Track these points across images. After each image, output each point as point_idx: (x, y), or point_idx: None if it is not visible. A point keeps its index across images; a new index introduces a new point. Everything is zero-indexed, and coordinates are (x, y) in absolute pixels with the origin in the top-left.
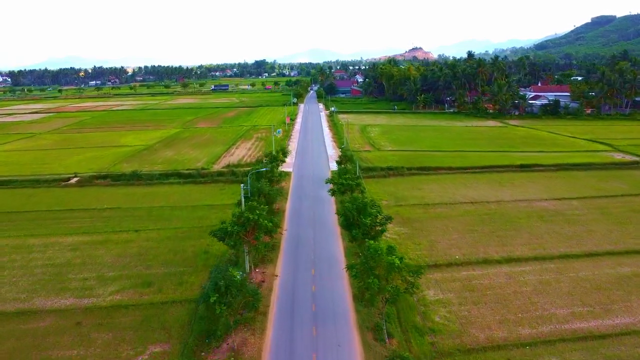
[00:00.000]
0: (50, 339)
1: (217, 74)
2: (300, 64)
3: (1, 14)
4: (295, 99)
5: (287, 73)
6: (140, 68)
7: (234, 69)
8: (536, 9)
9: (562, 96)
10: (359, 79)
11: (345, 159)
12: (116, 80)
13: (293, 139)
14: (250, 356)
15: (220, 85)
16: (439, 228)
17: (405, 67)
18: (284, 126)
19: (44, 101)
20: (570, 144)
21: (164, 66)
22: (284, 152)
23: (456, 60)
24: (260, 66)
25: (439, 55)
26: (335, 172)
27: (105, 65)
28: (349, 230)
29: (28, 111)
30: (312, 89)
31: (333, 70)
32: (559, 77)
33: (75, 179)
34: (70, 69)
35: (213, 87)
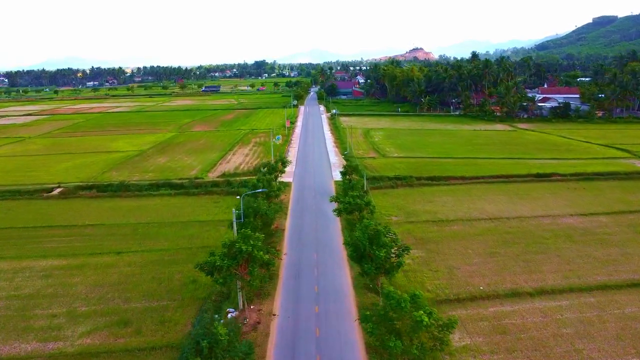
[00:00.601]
0: None
1: (217, 74)
2: (301, 64)
3: (0, 14)
4: (296, 101)
5: (287, 74)
6: (139, 69)
7: (234, 70)
8: (536, 9)
9: (571, 98)
10: (360, 79)
11: (350, 170)
12: (114, 81)
13: (293, 144)
14: None
15: (211, 86)
16: (457, 250)
17: (408, 67)
18: (284, 130)
19: (39, 103)
20: (585, 150)
21: (162, 67)
22: (284, 162)
23: (459, 60)
24: (260, 67)
25: (440, 56)
26: (339, 182)
27: (106, 66)
28: (359, 263)
29: (21, 113)
30: (312, 90)
31: (334, 71)
32: (565, 78)
33: (59, 189)
34: (68, 69)
35: (203, 89)
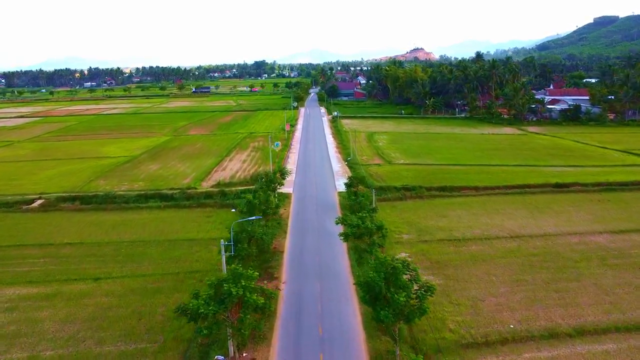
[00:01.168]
0: None
1: (216, 74)
2: (301, 64)
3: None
4: (296, 102)
5: (287, 74)
6: (138, 69)
7: (233, 70)
8: (536, 9)
9: (581, 100)
10: (362, 80)
11: (356, 182)
12: (112, 81)
13: (293, 149)
14: None
15: (202, 87)
16: (480, 277)
17: (411, 68)
18: (283, 134)
19: (33, 104)
20: (602, 156)
21: (161, 67)
22: (283, 173)
23: (462, 61)
24: (260, 67)
25: (441, 56)
26: (343, 193)
27: (105, 66)
28: (373, 308)
29: (14, 115)
30: (312, 91)
31: (334, 71)
32: (572, 79)
33: (40, 201)
34: (66, 70)
35: (194, 90)
